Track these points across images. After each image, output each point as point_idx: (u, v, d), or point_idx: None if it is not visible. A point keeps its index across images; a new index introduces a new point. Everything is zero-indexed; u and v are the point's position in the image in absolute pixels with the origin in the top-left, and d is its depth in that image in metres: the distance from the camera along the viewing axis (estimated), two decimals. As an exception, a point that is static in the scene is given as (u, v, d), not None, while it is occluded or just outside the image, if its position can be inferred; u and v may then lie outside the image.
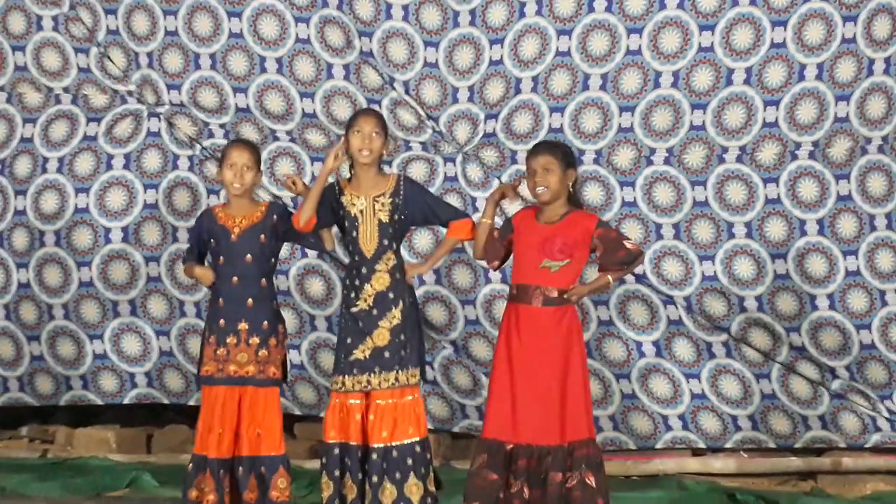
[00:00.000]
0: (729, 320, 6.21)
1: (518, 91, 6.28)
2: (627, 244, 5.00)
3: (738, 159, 6.16)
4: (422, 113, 6.39)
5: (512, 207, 5.56)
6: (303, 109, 6.42)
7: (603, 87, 6.21)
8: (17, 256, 6.56)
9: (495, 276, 6.24)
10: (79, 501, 5.75)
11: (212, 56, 6.41)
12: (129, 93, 6.56)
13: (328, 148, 6.42)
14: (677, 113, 6.18)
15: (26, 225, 6.52)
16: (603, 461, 4.96)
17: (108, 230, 6.50)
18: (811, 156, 6.11)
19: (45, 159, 6.53)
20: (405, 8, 6.28)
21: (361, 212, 5.08)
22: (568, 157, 5.04)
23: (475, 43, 6.27)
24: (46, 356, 6.57)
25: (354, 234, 5.09)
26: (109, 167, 6.50)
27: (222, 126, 6.52)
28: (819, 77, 6.03)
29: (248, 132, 6.44)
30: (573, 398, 4.90)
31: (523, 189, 5.24)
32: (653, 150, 6.23)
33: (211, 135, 6.53)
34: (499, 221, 5.24)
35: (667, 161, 6.22)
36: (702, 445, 6.34)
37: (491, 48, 6.24)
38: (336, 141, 6.46)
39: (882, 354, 6.07)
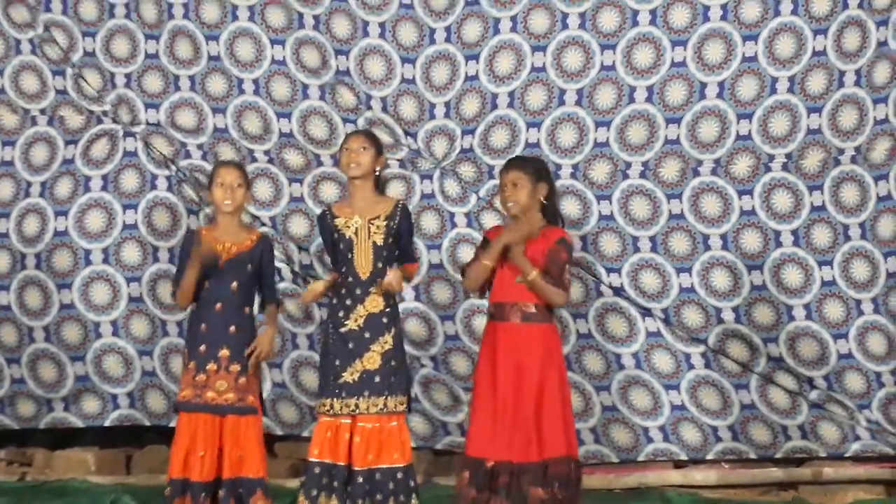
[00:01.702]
0: (707, 332, 6.00)
1: (494, 106, 6.10)
2: (565, 278, 4.79)
3: (713, 172, 5.97)
4: (398, 131, 6.20)
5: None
6: (280, 130, 6.24)
7: (578, 103, 6.03)
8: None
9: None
10: (58, 525, 5.51)
11: (191, 78, 6.23)
12: (105, 113, 6.32)
13: (305, 168, 6.27)
14: (652, 127, 6.01)
15: (8, 248, 6.30)
16: (580, 478, 4.77)
17: (87, 252, 6.27)
18: (784, 167, 5.92)
19: (28, 183, 6.31)
20: (382, 25, 6.10)
21: (356, 233, 4.87)
22: (539, 172, 4.83)
23: (451, 59, 6.11)
24: (27, 378, 6.30)
25: (349, 255, 4.86)
26: (87, 189, 6.28)
27: (199, 147, 6.32)
28: (791, 90, 5.85)
29: (226, 152, 6.24)
30: (549, 415, 4.72)
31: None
32: (628, 164, 6.05)
33: (188, 155, 6.31)
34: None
35: (642, 175, 6.04)
36: (683, 457, 6.10)
37: (466, 64, 6.08)
38: (313, 160, 6.29)
39: (859, 363, 5.85)
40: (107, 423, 6.36)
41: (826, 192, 5.88)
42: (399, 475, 4.80)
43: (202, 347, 4.88)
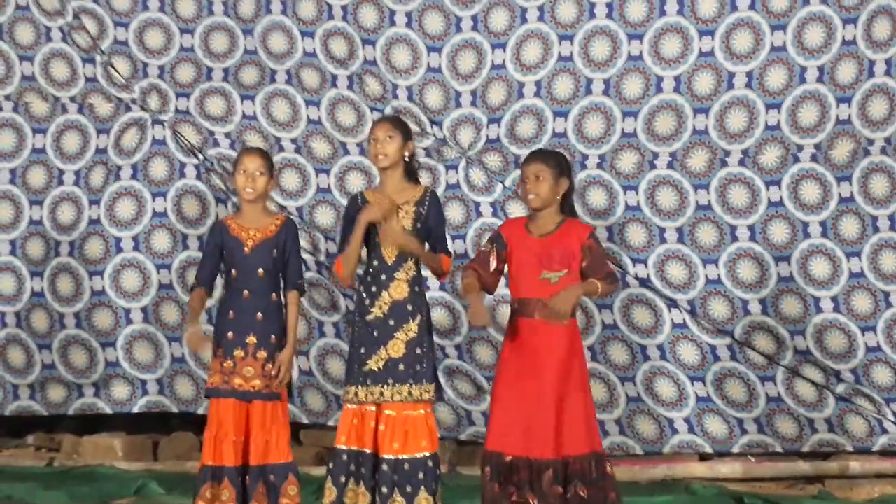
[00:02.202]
0: (733, 324, 5.87)
1: (521, 95, 6.00)
2: (611, 266, 4.69)
3: (741, 163, 5.84)
4: (424, 119, 6.12)
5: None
6: (308, 117, 6.19)
7: (606, 92, 5.93)
8: (31, 265, 6.29)
9: (500, 282, 5.96)
10: (85, 509, 5.48)
11: (225, 69, 6.19)
12: (133, 100, 6.28)
13: (332, 158, 6.22)
14: (679, 117, 5.90)
15: (42, 234, 6.27)
16: (605, 475, 4.59)
17: (118, 240, 6.23)
18: (813, 158, 5.79)
19: (61, 171, 6.28)
20: (408, 14, 6.03)
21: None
22: (561, 166, 4.69)
23: (477, 48, 6.02)
24: (58, 364, 6.27)
25: (377, 239, 4.73)
26: (118, 177, 6.24)
27: (227, 135, 6.27)
28: (820, 79, 5.72)
29: (254, 140, 6.17)
30: (571, 413, 4.59)
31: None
32: (656, 155, 5.93)
33: (216, 143, 6.27)
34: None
35: (670, 165, 5.92)
36: (708, 449, 5.96)
37: (493, 52, 5.99)
38: (340, 149, 6.24)
39: (887, 357, 5.69)
40: (135, 410, 6.31)
41: (855, 182, 5.73)
42: (429, 464, 4.69)
43: (230, 334, 4.79)
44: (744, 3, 5.77)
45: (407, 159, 4.79)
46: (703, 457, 6.03)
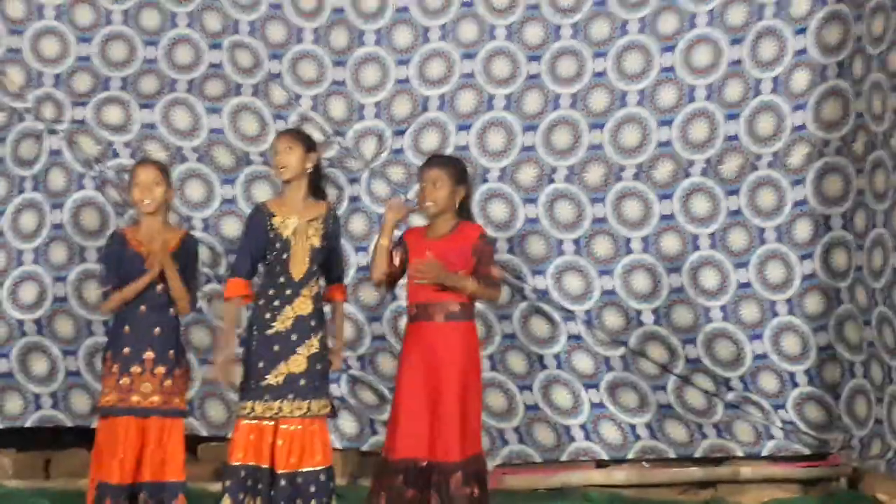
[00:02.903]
0: (628, 334, 5.93)
1: (425, 109, 5.97)
2: (495, 270, 4.66)
3: (636, 177, 5.91)
4: (328, 129, 6.08)
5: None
6: (209, 125, 6.02)
7: (507, 107, 5.95)
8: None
9: (402, 293, 5.90)
10: (-25, 529, 5.17)
11: (123, 78, 6.02)
12: (27, 110, 6.03)
13: (235, 168, 6.09)
14: (576, 133, 5.95)
15: None
16: (486, 475, 4.64)
17: (20, 252, 5.98)
18: (703, 172, 5.87)
19: None
20: (315, 31, 5.98)
21: (294, 233, 4.63)
22: (460, 174, 4.68)
23: (381, 62, 6.00)
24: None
25: (285, 256, 4.62)
26: (21, 189, 5.99)
27: (127, 145, 6.08)
28: (709, 98, 5.81)
29: (154, 150, 5.98)
30: (472, 414, 4.58)
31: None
32: (554, 169, 5.93)
33: (115, 154, 6.07)
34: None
35: (567, 179, 5.93)
36: (604, 456, 5.94)
37: (397, 67, 5.98)
38: (243, 158, 6.13)
39: (774, 364, 5.77)
40: (28, 424, 6.02)
41: (742, 196, 5.82)
42: (321, 477, 4.60)
43: (126, 350, 4.65)
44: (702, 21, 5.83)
45: (309, 170, 4.72)
46: (601, 464, 6.01)
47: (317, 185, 4.77)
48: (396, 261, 4.70)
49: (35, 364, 6.03)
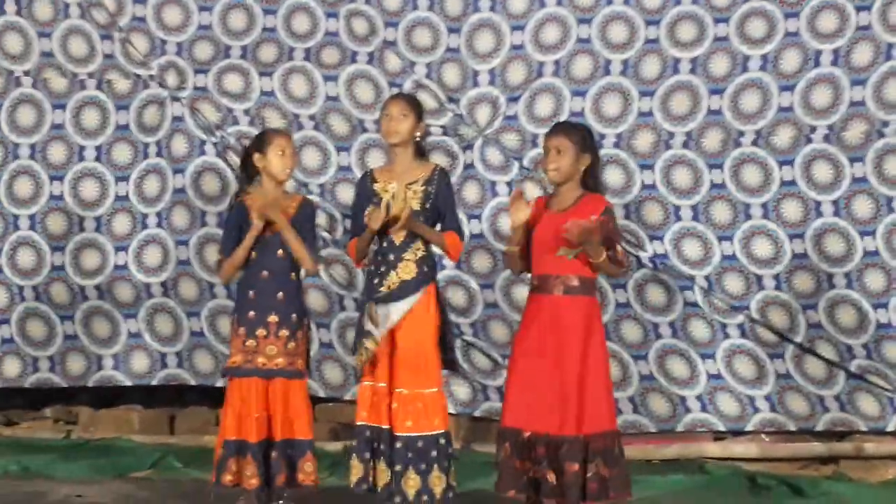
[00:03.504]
0: (748, 298, 5.72)
1: (540, 74, 5.82)
2: (620, 246, 4.48)
3: (754, 143, 5.77)
4: (442, 97, 6.00)
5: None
6: (326, 93, 6.01)
7: (624, 73, 5.76)
8: (52, 240, 6.09)
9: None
10: (103, 482, 5.30)
11: (243, 47, 6.01)
12: (151, 77, 6.08)
13: (351, 135, 6.07)
14: (695, 98, 5.75)
15: (63, 210, 6.08)
16: (623, 454, 4.43)
17: (144, 216, 6.07)
18: (826, 139, 5.70)
19: (82, 147, 6.08)
20: None
21: (393, 198, 4.54)
22: (584, 141, 4.48)
23: (496, 28, 5.87)
24: (80, 334, 6.07)
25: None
26: (146, 155, 6.06)
27: (246, 112, 6.12)
28: (834, 63, 5.57)
29: (272, 117, 5.99)
30: (593, 389, 4.39)
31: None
32: (672, 134, 5.81)
33: (235, 121, 6.10)
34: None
35: (685, 145, 5.82)
36: (721, 428, 5.74)
37: (512, 34, 5.84)
38: (358, 126, 6.12)
39: (898, 335, 5.60)
40: (154, 382, 6.12)
41: (868, 163, 5.55)
42: (441, 441, 4.53)
43: (251, 314, 4.67)
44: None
45: (417, 139, 4.65)
46: (718, 436, 5.81)
47: (421, 151, 4.70)
48: None
49: (161, 324, 6.12)
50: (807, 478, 5.50)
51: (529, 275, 4.59)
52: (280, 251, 4.70)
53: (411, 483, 4.49)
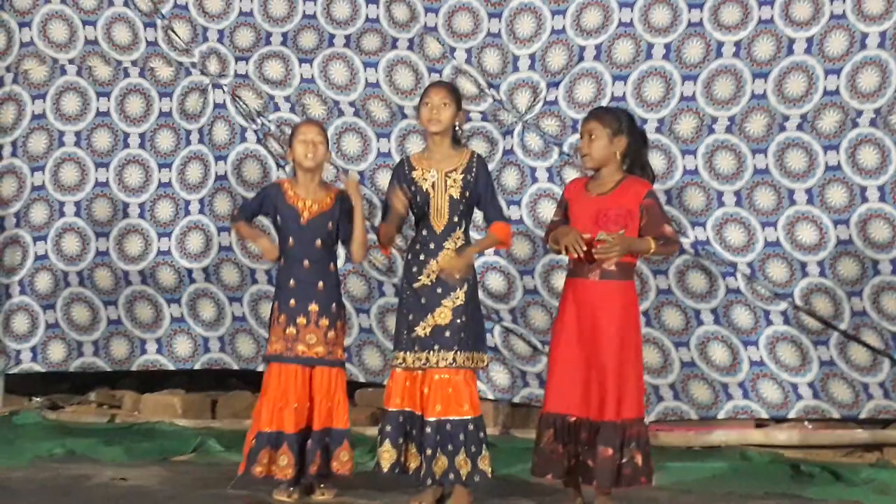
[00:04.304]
0: (792, 285, 5.56)
1: (581, 59, 5.68)
2: (667, 228, 4.34)
3: (799, 127, 5.61)
4: (482, 82, 5.90)
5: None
6: (366, 79, 5.95)
7: (665, 57, 5.60)
8: (96, 226, 6.08)
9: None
10: (146, 465, 5.27)
11: (283, 34, 5.94)
12: (193, 65, 6.04)
13: (390, 122, 6.00)
14: (738, 82, 5.57)
15: (108, 196, 6.06)
16: (649, 441, 4.38)
17: (187, 202, 6.04)
18: (872, 123, 5.48)
19: (126, 134, 6.05)
20: None
21: (433, 186, 4.49)
22: (618, 124, 4.37)
23: (537, 13, 5.74)
24: (124, 319, 6.06)
25: (426, 208, 4.49)
26: (188, 142, 6.01)
27: (287, 99, 6.08)
28: (881, 45, 5.38)
29: (312, 104, 5.93)
30: (630, 375, 4.32)
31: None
32: (714, 119, 5.67)
33: (276, 108, 6.04)
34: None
35: (728, 129, 5.65)
36: (764, 415, 5.58)
37: (553, 18, 5.71)
38: (398, 112, 6.05)
39: (945, 321, 5.43)
40: (196, 366, 6.09)
41: (914, 147, 5.44)
42: (470, 426, 4.46)
43: (292, 302, 4.63)
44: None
45: (457, 128, 4.55)
46: (760, 424, 5.67)
47: (456, 139, 4.62)
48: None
49: (203, 309, 6.10)
50: (850, 465, 5.35)
51: (565, 258, 4.50)
52: (318, 241, 4.66)
53: (440, 464, 4.47)
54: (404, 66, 5.92)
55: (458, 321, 4.49)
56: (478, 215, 4.69)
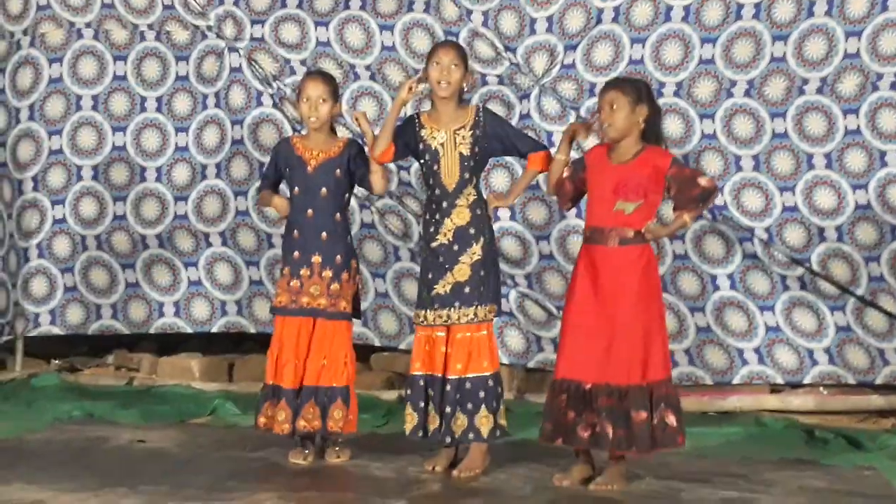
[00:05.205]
0: (809, 251, 5.46)
1: (599, 21, 5.54)
2: (702, 181, 4.25)
3: (819, 91, 5.50)
4: (499, 45, 5.78)
5: (588, 143, 4.99)
6: (382, 42, 5.86)
7: (685, 19, 5.45)
8: (114, 190, 6.02)
9: (570, 212, 5.66)
10: (163, 428, 5.24)
11: None
12: (209, 28, 5.92)
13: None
14: (758, 44, 5.48)
15: (125, 160, 5.99)
16: (679, 400, 4.30)
17: (204, 167, 5.95)
18: (893, 87, 5.30)
19: (143, 98, 5.96)
20: None
21: (442, 145, 4.43)
22: (638, 94, 4.27)
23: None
24: (142, 282, 6.00)
25: (436, 167, 4.44)
26: (205, 106, 5.92)
27: (303, 62, 5.97)
28: (902, 7, 5.29)
29: (328, 67, 5.76)
30: (653, 338, 4.23)
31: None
32: (733, 83, 5.54)
33: (293, 72, 5.96)
34: (574, 155, 4.67)
35: (747, 93, 5.52)
36: (779, 380, 5.48)
37: None
38: (413, 76, 5.94)
39: (964, 288, 5.32)
40: (214, 329, 6.03)
41: (937, 112, 5.31)
42: (490, 382, 4.43)
43: (295, 254, 4.55)
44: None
45: (465, 89, 4.49)
46: (775, 389, 5.57)
47: (461, 99, 4.54)
48: (566, 172, 4.44)
49: (220, 273, 6.04)
50: (865, 431, 5.25)
51: (581, 223, 4.43)
52: (324, 189, 4.55)
53: (459, 423, 4.43)
54: (420, 28, 5.80)
55: (478, 276, 4.46)
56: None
